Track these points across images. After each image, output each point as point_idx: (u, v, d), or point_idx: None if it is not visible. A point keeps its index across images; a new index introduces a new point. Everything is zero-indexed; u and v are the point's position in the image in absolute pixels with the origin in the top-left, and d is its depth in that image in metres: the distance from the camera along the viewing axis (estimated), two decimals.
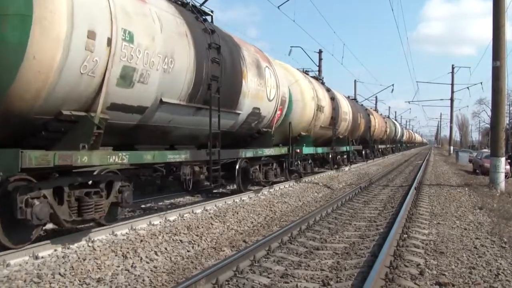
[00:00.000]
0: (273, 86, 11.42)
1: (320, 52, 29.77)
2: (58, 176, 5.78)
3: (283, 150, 13.27)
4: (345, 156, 22.41)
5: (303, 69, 17.56)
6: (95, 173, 6.42)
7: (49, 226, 7.22)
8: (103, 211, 6.27)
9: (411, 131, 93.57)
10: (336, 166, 20.64)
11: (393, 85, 46.28)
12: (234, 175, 10.52)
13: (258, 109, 10.61)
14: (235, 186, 11.49)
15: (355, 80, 47.76)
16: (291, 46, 29.64)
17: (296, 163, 14.17)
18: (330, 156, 19.19)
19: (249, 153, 10.94)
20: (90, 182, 6.23)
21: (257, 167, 11.68)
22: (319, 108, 15.50)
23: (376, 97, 60.57)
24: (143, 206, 9.52)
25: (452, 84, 51.67)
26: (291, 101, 13.48)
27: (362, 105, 30.66)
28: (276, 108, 11.78)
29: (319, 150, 17.21)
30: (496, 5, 14.27)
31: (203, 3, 9.36)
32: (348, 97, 25.99)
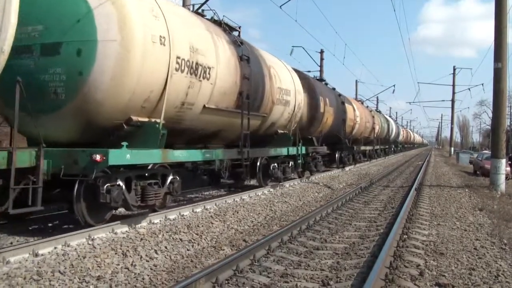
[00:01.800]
0: None
1: (321, 52, 29.75)
2: None
3: None
4: (290, 164, 13.99)
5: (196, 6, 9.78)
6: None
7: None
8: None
9: (409, 130, 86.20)
10: (272, 179, 12.87)
11: (394, 85, 46.36)
12: None
13: None
14: None
15: (356, 80, 47.84)
16: (293, 46, 29.56)
17: (103, 188, 6.32)
18: (258, 164, 11.80)
19: None
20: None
21: None
22: (189, 69, 7.65)
23: (377, 97, 60.50)
24: None
25: (454, 85, 51.73)
26: (90, 42, 6.22)
27: (334, 89, 21.09)
28: None
29: (185, 154, 8.27)
30: (498, 7, 14.27)
31: (203, 3, 9.35)
32: (317, 77, 19.41)
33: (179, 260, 5.75)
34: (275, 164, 12.75)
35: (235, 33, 10.52)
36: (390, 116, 53.89)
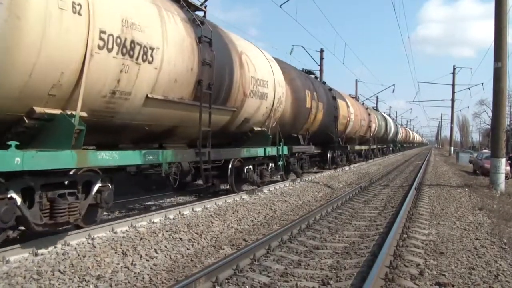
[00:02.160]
0: None
1: (321, 51, 29.75)
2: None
3: None
4: (270, 166, 12.44)
5: None
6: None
7: None
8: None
9: (408, 129, 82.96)
10: (248, 184, 11.70)
11: (394, 85, 46.26)
12: None
13: None
14: None
15: (356, 80, 47.81)
16: (293, 45, 29.56)
17: None
18: (230, 166, 10.32)
19: None
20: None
21: None
22: (121, 47, 6.03)
23: (377, 97, 60.48)
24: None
25: (453, 85, 51.76)
26: None
27: (324, 83, 19.55)
28: None
29: (115, 157, 6.45)
30: (498, 7, 14.26)
31: (203, 3, 9.24)
32: (305, 70, 17.66)
33: (179, 260, 5.75)
34: (250, 167, 11.09)
35: (200, 14, 8.88)
36: (388, 115, 51.57)
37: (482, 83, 55.87)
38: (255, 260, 5.63)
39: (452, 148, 59.99)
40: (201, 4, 9.04)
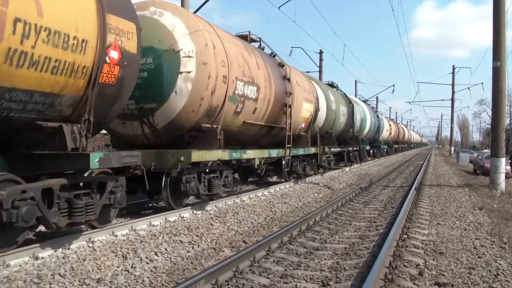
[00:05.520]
0: None
1: (320, 52, 29.80)
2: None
3: None
4: None
5: None
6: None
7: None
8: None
9: (402, 126, 66.44)
10: None
11: (394, 85, 46.17)
12: None
13: None
14: None
15: (355, 80, 47.82)
16: (292, 47, 29.59)
17: None
18: None
19: None
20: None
21: None
22: None
23: (377, 97, 60.31)
24: None
25: (453, 85, 51.81)
26: None
27: None
28: None
29: None
30: (496, 6, 14.29)
31: (202, 5, 9.25)
32: None
33: (179, 262, 5.76)
34: None
35: None
36: (367, 103, 33.65)
37: (482, 83, 56.24)
38: (255, 261, 5.64)
39: (452, 148, 60.00)
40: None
